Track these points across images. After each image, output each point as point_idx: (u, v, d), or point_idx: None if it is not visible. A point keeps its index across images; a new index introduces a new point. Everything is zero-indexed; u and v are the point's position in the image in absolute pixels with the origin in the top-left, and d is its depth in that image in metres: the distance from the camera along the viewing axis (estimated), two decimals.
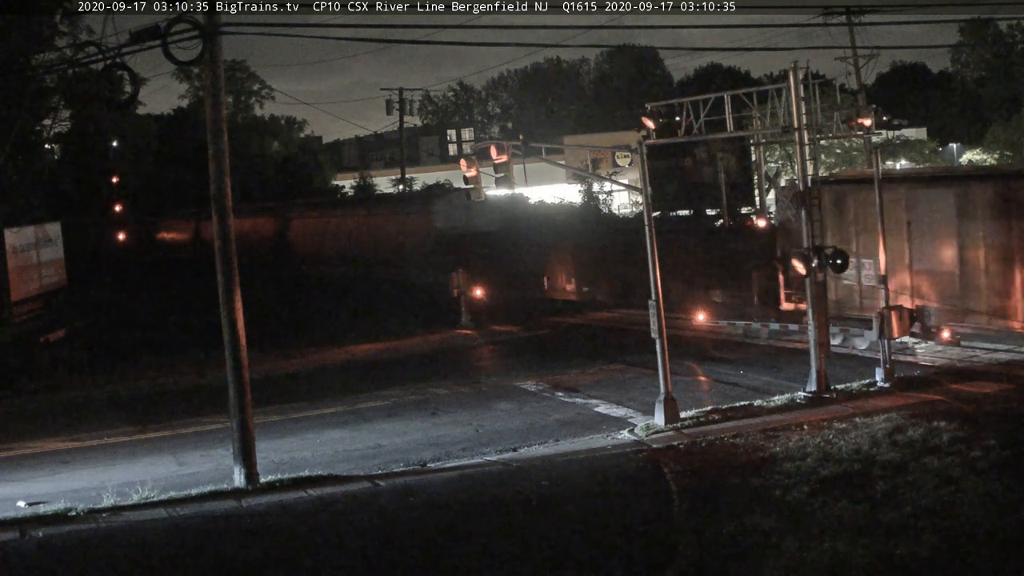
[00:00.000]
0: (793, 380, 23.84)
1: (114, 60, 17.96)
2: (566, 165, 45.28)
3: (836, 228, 29.73)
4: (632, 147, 23.33)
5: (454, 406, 24.45)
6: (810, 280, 22.79)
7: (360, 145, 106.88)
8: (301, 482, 18.30)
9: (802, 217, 23.11)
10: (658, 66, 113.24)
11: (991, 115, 68.21)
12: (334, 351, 33.68)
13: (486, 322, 36.86)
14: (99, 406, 27.06)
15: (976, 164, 56.73)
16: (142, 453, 21.72)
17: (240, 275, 18.67)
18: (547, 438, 20.89)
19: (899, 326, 23.08)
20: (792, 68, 22.71)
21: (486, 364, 31.04)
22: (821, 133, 25.59)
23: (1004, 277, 25.89)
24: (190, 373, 30.73)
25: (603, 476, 17.86)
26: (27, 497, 18.25)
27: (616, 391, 24.86)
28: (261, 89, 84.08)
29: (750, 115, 26.31)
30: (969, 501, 14.62)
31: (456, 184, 41.40)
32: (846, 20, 48.27)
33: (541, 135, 72.60)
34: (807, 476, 16.41)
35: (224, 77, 18.61)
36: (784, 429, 19.73)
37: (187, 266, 61.85)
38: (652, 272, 21.62)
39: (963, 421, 18.91)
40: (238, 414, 18.59)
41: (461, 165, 23.91)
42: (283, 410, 24.66)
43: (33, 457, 21.94)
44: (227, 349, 18.64)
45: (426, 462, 19.64)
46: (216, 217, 18.64)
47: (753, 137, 31.76)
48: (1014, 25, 70.93)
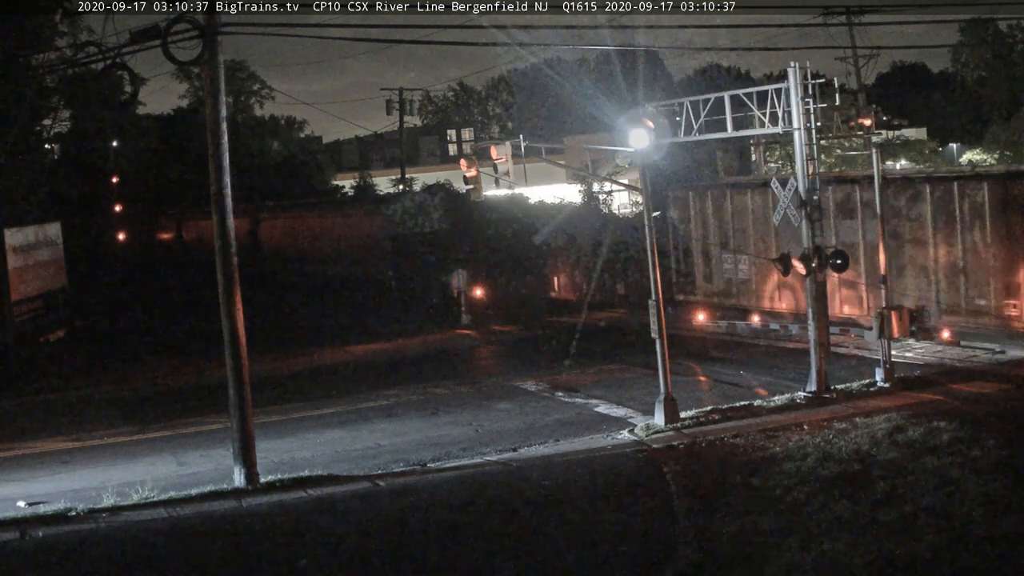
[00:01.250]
0: (793, 380, 23.84)
1: (114, 60, 17.99)
2: (566, 165, 45.16)
3: (718, 227, 33.51)
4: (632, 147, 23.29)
5: (454, 406, 24.45)
6: (810, 280, 22.78)
7: (360, 145, 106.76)
8: (301, 482, 18.30)
9: (802, 217, 23.10)
10: (658, 66, 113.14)
11: (991, 115, 68.23)
12: (334, 351, 33.70)
13: (486, 322, 36.88)
14: (99, 406, 27.07)
15: (975, 163, 56.74)
16: (142, 453, 21.73)
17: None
18: (547, 438, 20.89)
19: (899, 326, 23.06)
20: (792, 68, 22.70)
21: (486, 364, 31.05)
22: (821, 133, 25.59)
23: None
24: (190, 373, 30.75)
25: (603, 476, 17.85)
26: (27, 497, 18.25)
27: (616, 391, 24.86)
28: (261, 89, 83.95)
29: (750, 115, 26.30)
30: (969, 501, 14.61)
31: (456, 184, 41.44)
32: (846, 20, 48.31)
33: (541, 135, 72.55)
34: (807, 476, 16.40)
35: (224, 77, 18.61)
36: (784, 429, 19.73)
37: (172, 266, 62.47)
38: (652, 272, 21.61)
39: (963, 421, 18.91)
40: (238, 414, 18.59)
41: (461, 165, 23.93)
42: (283, 410, 24.66)
43: (33, 457, 21.94)
44: (227, 349, 18.64)
45: (426, 462, 19.64)
46: (216, 217, 18.65)
47: (753, 137, 31.77)
48: (1014, 25, 70.99)
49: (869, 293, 28.04)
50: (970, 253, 26.17)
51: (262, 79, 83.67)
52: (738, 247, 32.34)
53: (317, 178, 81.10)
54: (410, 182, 68.69)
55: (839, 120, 26.17)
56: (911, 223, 27.43)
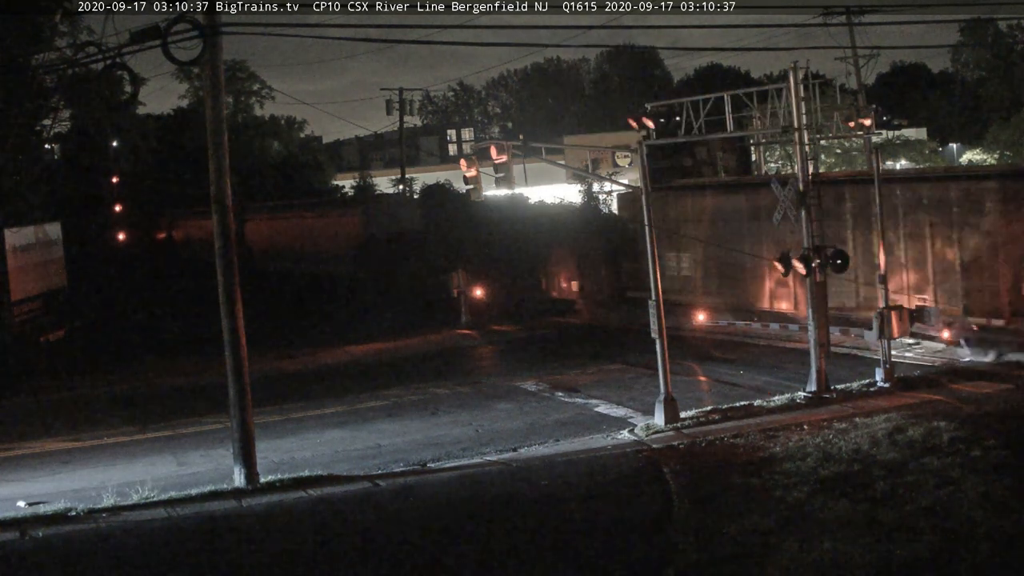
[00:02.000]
0: (793, 380, 23.84)
1: (114, 60, 17.98)
2: (566, 165, 45.17)
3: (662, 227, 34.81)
4: (632, 147, 23.32)
5: (454, 406, 24.45)
6: (810, 280, 22.77)
7: (360, 145, 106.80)
8: (301, 482, 18.30)
9: (802, 216, 23.09)
10: (658, 66, 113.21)
11: (991, 115, 68.13)
12: (334, 351, 33.70)
13: (486, 322, 36.87)
14: (99, 406, 27.08)
15: (977, 164, 56.74)
16: (142, 453, 21.73)
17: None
18: (547, 438, 20.89)
19: (899, 326, 23.06)
20: (792, 68, 22.70)
21: (486, 364, 31.06)
22: (821, 133, 25.60)
23: None
24: (190, 373, 30.74)
25: (603, 476, 17.86)
26: (27, 497, 18.25)
27: (616, 391, 24.86)
28: (261, 89, 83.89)
29: (750, 115, 26.31)
30: (969, 501, 14.60)
31: (456, 184, 41.51)
32: (846, 20, 48.29)
33: (541, 135, 72.59)
34: (807, 476, 16.40)
35: (224, 77, 18.61)
36: (784, 429, 19.73)
37: (172, 266, 62.74)
38: (652, 271, 21.62)
39: (963, 421, 18.91)
40: (238, 414, 18.59)
41: (461, 165, 23.92)
42: (283, 410, 24.67)
43: (33, 457, 21.95)
44: (227, 349, 18.64)
45: (426, 462, 19.64)
46: (216, 217, 18.65)
47: (753, 137, 31.77)
48: (1014, 25, 70.89)
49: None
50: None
51: (262, 79, 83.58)
52: (680, 246, 34.04)
53: (317, 178, 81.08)
54: (410, 182, 68.62)
55: (839, 120, 26.14)
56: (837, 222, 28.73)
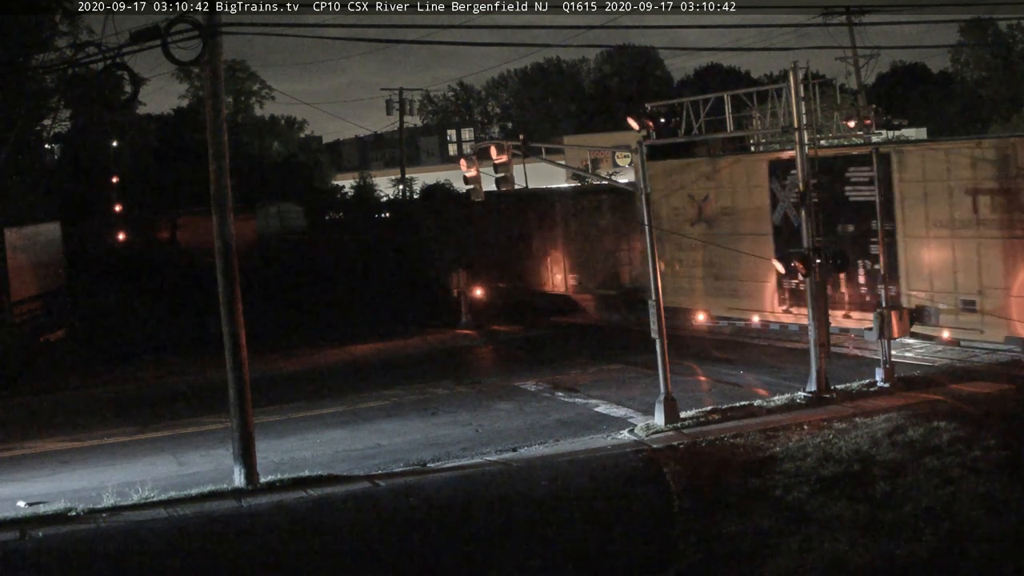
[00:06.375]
0: (793, 380, 23.83)
1: (114, 60, 17.96)
2: (566, 165, 45.08)
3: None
4: (632, 147, 23.31)
5: (454, 406, 24.45)
6: (810, 280, 22.76)
7: (360, 145, 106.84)
8: (301, 482, 18.30)
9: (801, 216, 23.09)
10: (658, 66, 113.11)
11: (991, 115, 68.13)
12: (334, 351, 33.68)
13: (486, 322, 36.86)
14: (99, 406, 27.07)
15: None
16: (142, 453, 21.72)
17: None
18: (547, 438, 20.89)
19: (898, 326, 23.06)
20: (792, 68, 22.70)
21: (486, 364, 31.06)
22: (821, 133, 25.61)
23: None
24: (190, 373, 30.73)
25: (603, 476, 17.86)
26: (27, 497, 18.25)
27: (616, 391, 24.85)
28: (261, 89, 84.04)
29: (750, 115, 26.31)
30: (969, 501, 14.61)
31: (456, 184, 41.53)
32: (846, 20, 48.30)
33: (541, 135, 72.50)
34: (807, 476, 16.40)
35: (224, 77, 18.61)
36: (784, 429, 19.73)
37: (172, 266, 62.84)
38: (652, 271, 21.61)
39: (963, 421, 18.91)
40: (238, 414, 18.58)
41: (461, 165, 23.93)
42: (283, 410, 24.66)
43: (33, 457, 21.95)
44: (227, 349, 18.64)
45: (426, 462, 19.64)
46: (216, 217, 18.66)
47: (753, 137, 31.76)
48: (1014, 25, 70.82)
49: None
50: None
51: (262, 79, 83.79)
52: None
53: (317, 178, 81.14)
54: (410, 182, 68.67)
55: (839, 120, 26.14)
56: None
